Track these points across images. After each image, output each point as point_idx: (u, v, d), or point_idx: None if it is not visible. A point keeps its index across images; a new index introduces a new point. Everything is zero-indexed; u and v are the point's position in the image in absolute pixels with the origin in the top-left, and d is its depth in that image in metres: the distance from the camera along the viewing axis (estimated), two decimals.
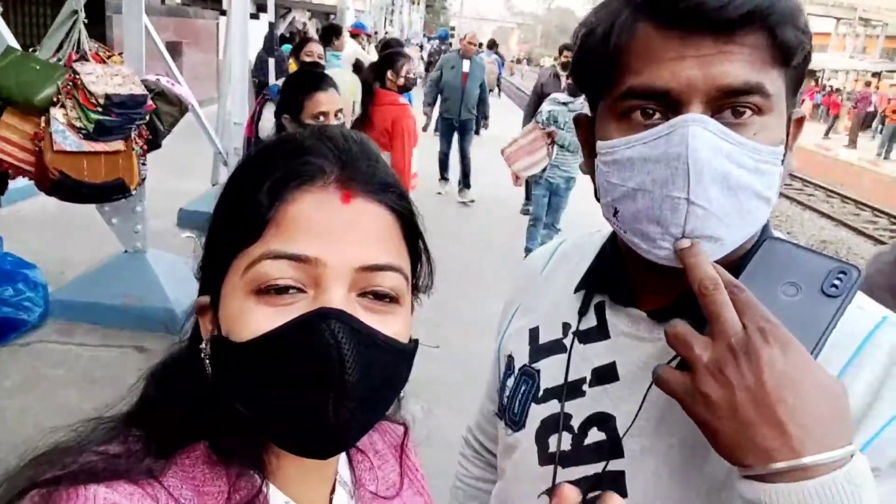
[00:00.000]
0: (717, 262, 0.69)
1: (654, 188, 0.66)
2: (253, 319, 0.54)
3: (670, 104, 0.65)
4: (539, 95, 8.10)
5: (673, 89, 0.64)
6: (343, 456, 0.71)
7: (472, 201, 8.10)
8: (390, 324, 0.57)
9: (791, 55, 0.65)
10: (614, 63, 0.68)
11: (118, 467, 0.53)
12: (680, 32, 0.64)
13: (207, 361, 0.59)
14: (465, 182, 8.24)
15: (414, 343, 0.61)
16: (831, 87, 27.61)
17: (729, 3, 0.61)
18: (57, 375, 3.37)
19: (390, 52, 4.59)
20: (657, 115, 0.67)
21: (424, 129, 10.81)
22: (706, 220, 0.65)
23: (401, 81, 4.33)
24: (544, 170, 5.67)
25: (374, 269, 0.56)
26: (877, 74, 30.70)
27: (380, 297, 0.57)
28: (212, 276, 0.60)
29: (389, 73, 4.31)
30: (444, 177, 8.55)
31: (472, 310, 4.56)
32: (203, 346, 0.60)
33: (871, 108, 21.13)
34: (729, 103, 0.64)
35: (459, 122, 8.29)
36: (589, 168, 0.76)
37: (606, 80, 0.70)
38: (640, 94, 0.67)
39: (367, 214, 0.58)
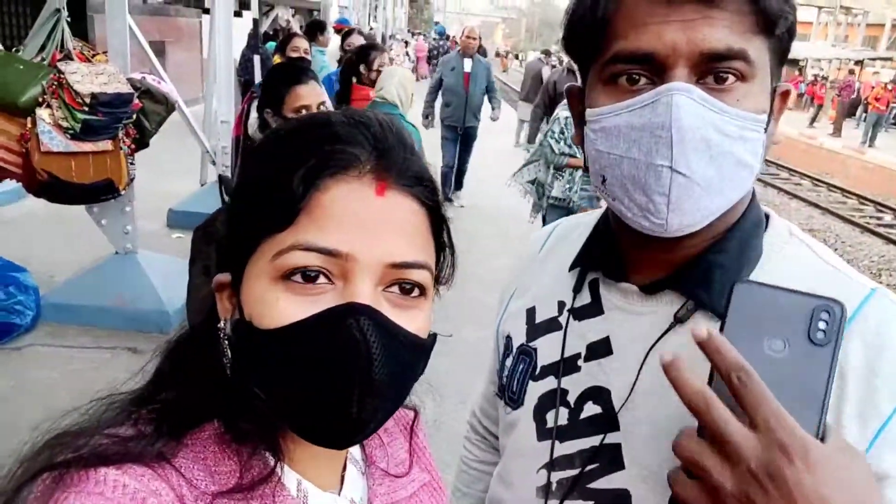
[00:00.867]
0: (704, 229, 0.71)
1: (640, 156, 0.68)
2: (279, 307, 0.53)
3: (655, 68, 0.67)
4: (551, 97, 7.72)
5: (657, 52, 0.66)
6: None
7: (462, 206, 7.47)
8: (414, 319, 0.57)
9: (774, 23, 0.66)
10: (602, 30, 0.70)
11: (130, 450, 0.53)
12: None
13: (226, 342, 0.59)
14: (458, 183, 7.56)
15: (433, 337, 0.61)
16: (815, 75, 27.78)
17: None
18: (50, 378, 3.35)
19: (363, 46, 4.59)
20: (643, 81, 0.69)
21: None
22: (689, 187, 0.67)
23: (373, 76, 4.29)
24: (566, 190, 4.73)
25: (403, 267, 0.56)
26: (859, 62, 30.94)
27: (406, 291, 0.57)
28: (235, 254, 0.58)
29: (362, 68, 4.29)
30: (448, 196, 7.21)
31: (481, 302, 4.58)
32: (222, 325, 0.60)
33: (853, 96, 21.29)
34: (712, 68, 0.66)
35: (464, 129, 7.35)
36: (580, 139, 0.78)
37: (595, 48, 0.72)
38: (625, 59, 0.69)
39: (401, 208, 0.57)
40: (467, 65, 7.23)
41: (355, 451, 0.71)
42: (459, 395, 3.47)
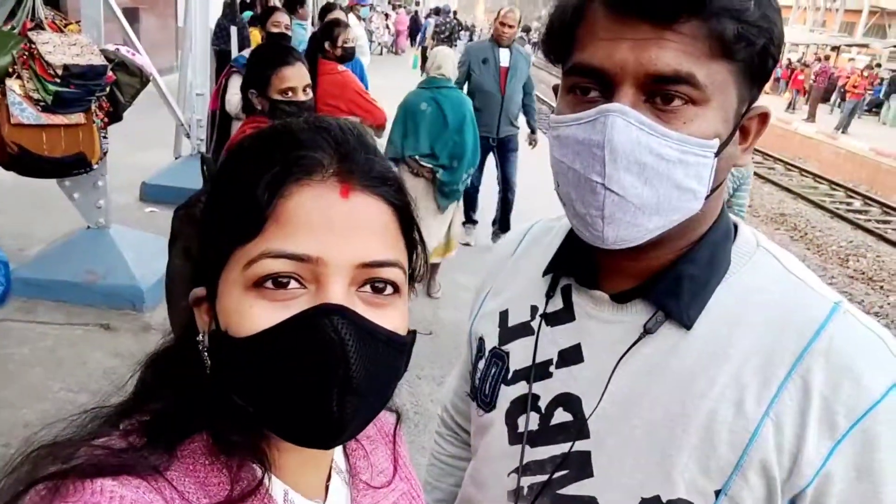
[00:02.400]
0: (673, 240, 0.73)
1: (581, 169, 0.70)
2: (252, 314, 0.54)
3: (604, 84, 0.69)
4: None
5: (606, 70, 0.68)
6: (339, 447, 0.72)
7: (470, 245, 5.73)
8: (390, 317, 0.58)
9: (730, 48, 0.66)
10: (568, 39, 0.72)
11: (125, 462, 0.53)
12: (622, 16, 0.67)
13: (206, 354, 0.59)
14: (502, 223, 5.67)
15: (412, 335, 0.62)
16: (789, 60, 27.97)
17: None
18: (22, 355, 3.31)
19: (328, 23, 4.47)
20: (594, 94, 0.71)
21: None
22: (622, 205, 0.69)
23: (338, 52, 4.18)
24: None
25: (374, 266, 0.57)
26: (835, 48, 31.20)
27: (379, 290, 0.58)
28: (209, 267, 0.59)
29: (327, 45, 4.19)
30: (471, 219, 5.81)
31: (460, 285, 4.61)
32: (200, 338, 0.60)
33: (828, 82, 21.49)
34: (659, 89, 0.67)
35: (498, 139, 5.46)
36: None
37: (562, 55, 0.74)
38: (580, 71, 0.71)
39: (366, 209, 0.57)
40: (504, 57, 5.38)
41: (340, 460, 0.72)
42: (437, 378, 3.52)
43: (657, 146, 0.67)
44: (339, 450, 0.72)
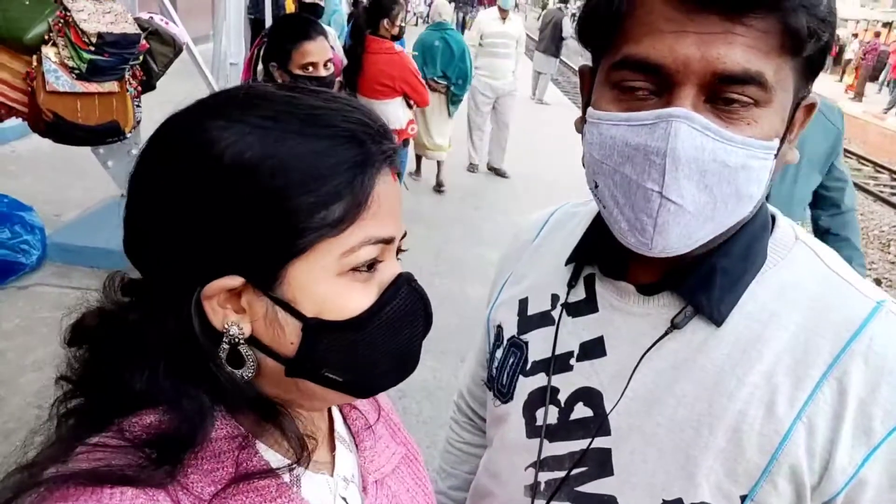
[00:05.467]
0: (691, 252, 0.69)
1: (632, 174, 0.65)
2: (354, 297, 0.58)
3: (663, 82, 0.64)
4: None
5: (667, 66, 0.62)
6: (338, 416, 0.73)
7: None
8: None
9: (802, 44, 0.62)
10: (615, 26, 0.66)
11: (141, 476, 0.52)
12: (687, 5, 0.61)
13: (244, 348, 0.57)
14: None
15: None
16: (838, 36, 26.96)
17: None
18: (55, 319, 3.33)
19: (388, 0, 4.47)
20: (648, 91, 0.65)
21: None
22: (678, 214, 0.65)
23: (395, 31, 4.25)
24: None
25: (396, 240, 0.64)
26: (888, 24, 30.00)
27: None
28: (259, 257, 0.55)
29: (385, 22, 4.20)
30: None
31: (485, 259, 4.59)
32: (234, 332, 0.57)
33: (878, 60, 20.70)
34: (724, 90, 0.62)
35: None
36: (580, 127, 0.75)
37: (606, 44, 0.68)
38: (633, 66, 0.65)
39: (400, 189, 0.64)
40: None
41: (342, 429, 0.72)
42: (460, 352, 3.52)
43: (722, 153, 0.63)
44: (339, 420, 0.73)
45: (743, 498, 0.68)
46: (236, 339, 0.57)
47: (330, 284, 0.57)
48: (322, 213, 0.55)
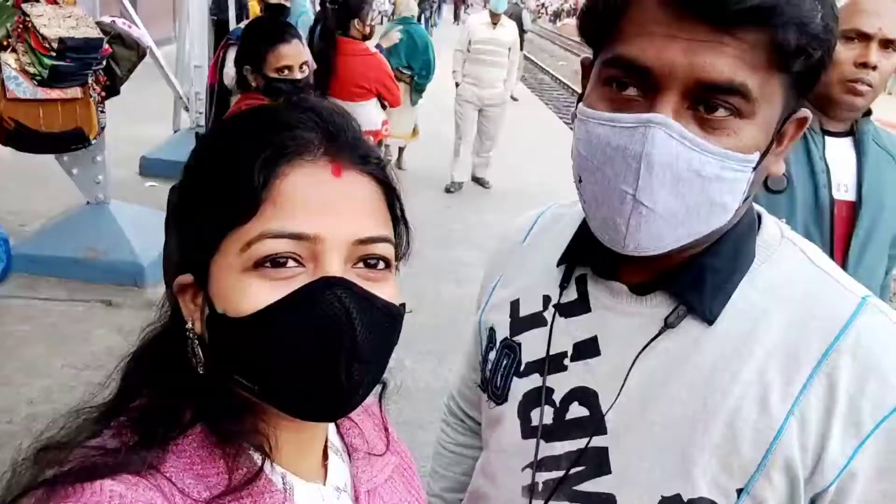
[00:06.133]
0: (666, 254, 0.70)
1: (610, 174, 0.67)
2: (253, 293, 0.55)
3: (649, 84, 0.65)
4: None
5: (654, 69, 0.63)
6: (332, 426, 0.73)
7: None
8: (383, 289, 0.59)
9: (790, 61, 0.62)
10: (611, 24, 0.67)
11: (119, 461, 0.53)
12: (678, 11, 0.62)
13: (196, 342, 0.59)
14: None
15: (402, 307, 0.63)
16: None
17: None
18: (23, 332, 3.30)
19: (356, 0, 4.45)
20: (635, 91, 0.66)
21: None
22: (649, 218, 0.66)
23: (367, 30, 4.24)
24: None
25: (368, 242, 0.58)
26: None
27: (371, 265, 0.59)
28: (196, 253, 0.59)
29: (356, 23, 4.19)
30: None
31: (461, 261, 4.59)
32: (189, 326, 0.60)
33: None
34: (707, 97, 0.63)
35: None
36: (573, 119, 0.76)
37: (603, 40, 0.69)
38: (623, 65, 0.66)
39: (357, 186, 0.59)
40: None
41: (335, 439, 0.72)
42: (437, 353, 3.52)
43: (697, 162, 0.64)
44: (333, 430, 0.73)
45: (739, 491, 0.69)
46: (191, 335, 0.60)
47: (234, 280, 0.56)
48: (226, 210, 0.56)
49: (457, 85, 6.49)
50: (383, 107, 4.59)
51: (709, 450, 0.70)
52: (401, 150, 6.73)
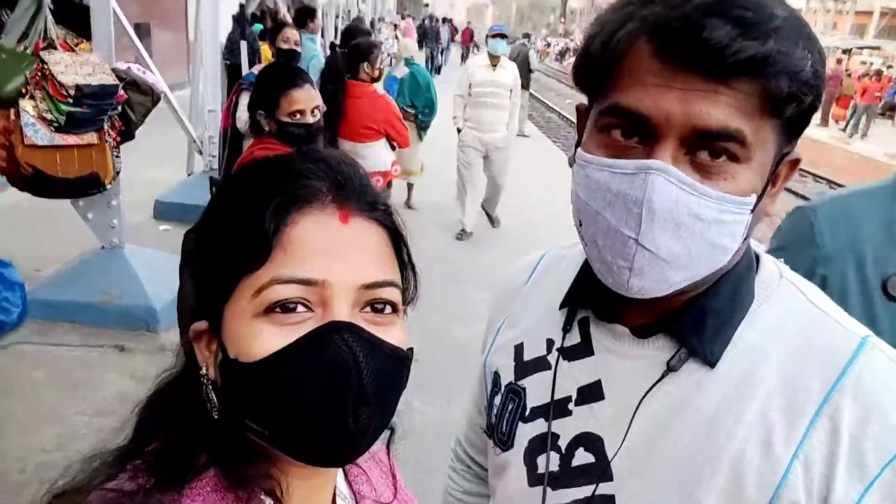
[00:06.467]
0: (667, 296, 0.71)
1: (612, 219, 0.68)
2: (263, 338, 0.56)
3: (647, 132, 0.66)
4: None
5: (651, 118, 0.65)
6: (339, 472, 0.73)
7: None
8: (391, 334, 0.60)
9: (782, 107, 0.64)
10: (608, 74, 0.68)
11: (137, 502, 0.54)
12: (673, 63, 0.64)
13: (210, 387, 0.61)
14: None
15: (410, 351, 0.64)
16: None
17: (727, 48, 0.60)
18: (37, 378, 3.31)
19: (366, 44, 4.54)
20: (634, 139, 0.68)
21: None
22: (652, 261, 0.67)
23: (376, 73, 4.33)
24: None
25: (375, 287, 0.60)
26: (847, 51, 31.00)
27: (379, 310, 0.60)
28: (210, 300, 0.60)
29: (365, 66, 4.27)
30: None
31: (471, 299, 4.59)
32: (203, 371, 0.62)
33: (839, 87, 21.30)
34: (704, 144, 0.65)
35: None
36: (572, 163, 0.77)
37: (599, 88, 0.71)
38: (620, 114, 0.67)
39: (364, 232, 0.61)
40: None
41: (343, 486, 0.73)
42: (447, 394, 3.49)
43: (696, 206, 0.65)
44: (341, 476, 0.73)
45: None
46: (205, 380, 0.61)
47: (246, 325, 0.57)
48: (239, 255, 0.58)
49: (458, 131, 6.18)
50: (392, 147, 4.65)
51: (715, 494, 0.69)
52: (409, 187, 6.86)
